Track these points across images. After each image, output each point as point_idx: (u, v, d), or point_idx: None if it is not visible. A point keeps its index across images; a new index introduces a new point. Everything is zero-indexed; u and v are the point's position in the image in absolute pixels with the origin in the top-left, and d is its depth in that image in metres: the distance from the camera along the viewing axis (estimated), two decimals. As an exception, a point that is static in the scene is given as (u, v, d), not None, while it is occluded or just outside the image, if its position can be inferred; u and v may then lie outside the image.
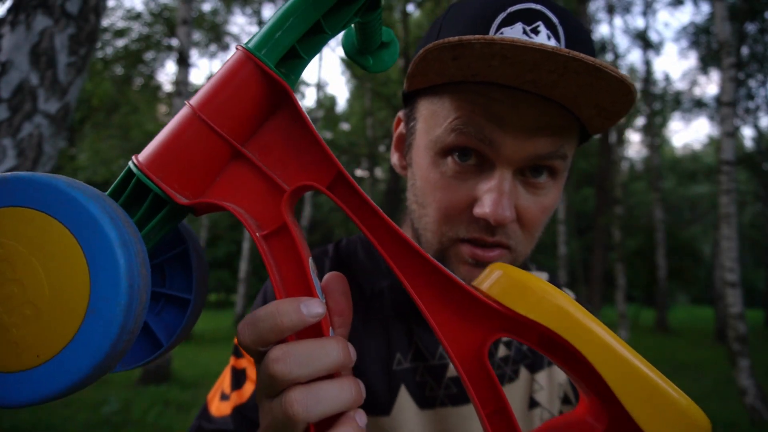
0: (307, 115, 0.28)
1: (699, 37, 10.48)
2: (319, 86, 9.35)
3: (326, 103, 15.57)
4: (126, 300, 0.22)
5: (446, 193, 0.42)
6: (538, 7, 0.40)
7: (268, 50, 0.27)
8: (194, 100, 0.27)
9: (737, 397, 4.06)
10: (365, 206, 0.29)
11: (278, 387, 0.26)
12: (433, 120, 0.42)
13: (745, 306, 4.00)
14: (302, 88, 19.36)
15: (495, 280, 0.28)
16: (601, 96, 0.37)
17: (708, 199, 15.93)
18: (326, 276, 0.31)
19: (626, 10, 10.51)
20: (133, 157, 0.27)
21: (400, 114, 0.50)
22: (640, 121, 12.94)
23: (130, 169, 0.27)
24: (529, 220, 0.42)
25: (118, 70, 7.25)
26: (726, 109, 4.00)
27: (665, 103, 12.25)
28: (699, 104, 11.62)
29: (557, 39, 0.39)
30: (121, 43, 6.82)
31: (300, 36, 0.28)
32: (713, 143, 18.15)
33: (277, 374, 0.26)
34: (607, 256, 7.58)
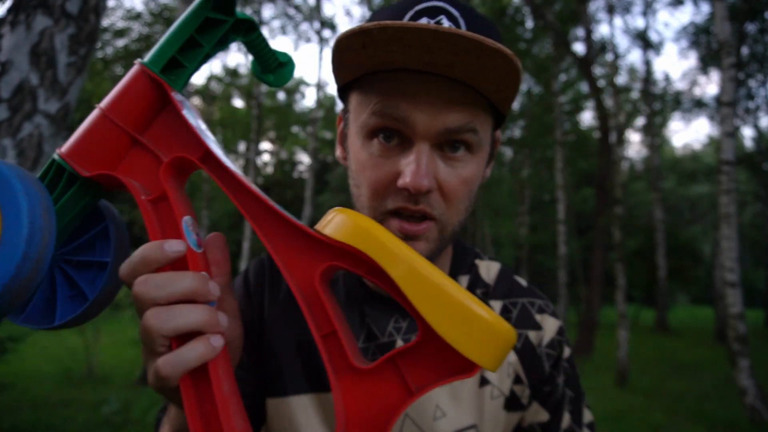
0: (185, 107, 0.37)
1: (699, 37, 10.48)
2: (319, 86, 9.34)
3: (326, 103, 15.57)
4: (27, 233, 0.30)
5: (375, 170, 0.47)
6: (441, 4, 0.47)
7: (154, 61, 0.35)
8: (103, 103, 0.35)
9: (737, 397, 4.05)
10: (227, 175, 0.35)
11: (142, 307, 0.32)
12: (360, 108, 0.48)
13: (745, 306, 4.00)
14: (302, 88, 19.36)
15: (329, 219, 0.33)
16: (494, 73, 0.42)
17: (708, 199, 15.92)
18: (208, 235, 0.38)
19: (626, 10, 10.51)
20: (57, 149, 0.35)
21: (340, 112, 0.55)
22: (640, 121, 12.94)
23: (53, 158, 0.36)
24: (450, 191, 0.47)
25: (118, 70, 7.24)
26: (726, 109, 4.00)
27: (665, 103, 12.24)
28: (699, 104, 11.61)
29: (458, 28, 0.44)
30: (121, 43, 6.82)
31: (178, 48, 0.36)
32: (713, 143, 18.15)
33: (137, 294, 0.32)
34: (607, 256, 7.57)
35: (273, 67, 0.44)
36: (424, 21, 0.45)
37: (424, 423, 0.51)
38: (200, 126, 0.37)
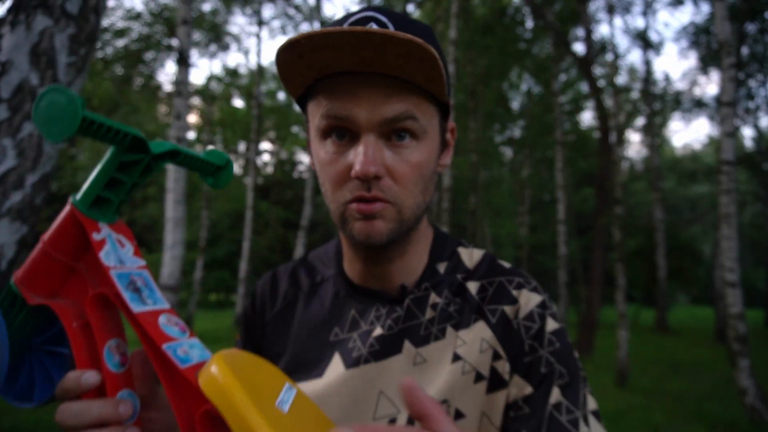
0: (108, 241, 0.41)
1: (699, 37, 10.48)
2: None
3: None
4: None
5: (332, 166, 0.52)
6: (371, 13, 0.52)
7: (82, 201, 0.40)
8: (45, 237, 0.41)
9: (737, 397, 4.05)
10: (123, 306, 0.39)
11: None
12: (313, 114, 0.53)
13: (745, 306, 4.00)
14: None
15: (204, 370, 0.35)
16: (417, 64, 0.47)
17: (708, 199, 15.92)
18: (132, 353, 0.43)
19: (626, 10, 10.51)
20: (13, 274, 0.42)
21: (306, 125, 0.61)
22: (640, 121, 12.94)
23: (10, 282, 0.42)
24: (401, 175, 0.51)
25: (118, 70, 7.24)
26: (726, 109, 4.00)
27: (665, 103, 12.24)
28: (699, 104, 11.62)
29: None
30: (121, 43, 6.81)
31: (101, 188, 0.40)
32: (713, 143, 18.15)
33: (58, 422, 0.38)
34: (607, 256, 7.57)
35: (212, 172, 0.47)
36: None
37: (398, 399, 0.53)
38: (123, 258, 0.41)
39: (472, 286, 0.59)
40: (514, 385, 0.53)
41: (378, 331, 0.57)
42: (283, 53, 0.47)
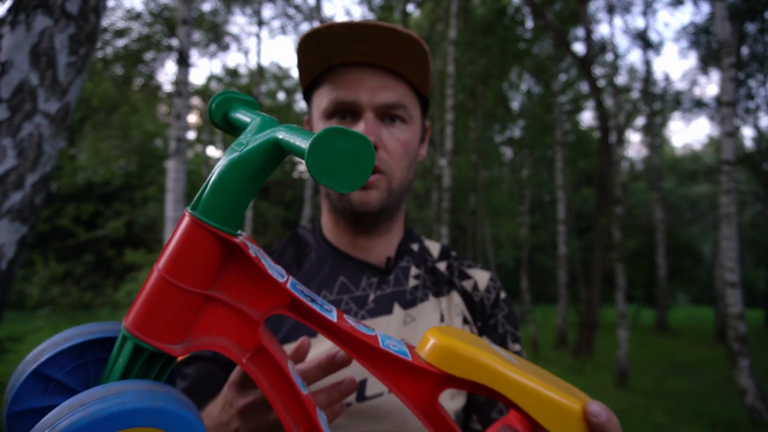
0: (250, 248, 0.34)
1: (699, 37, 10.47)
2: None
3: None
4: None
5: None
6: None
7: (214, 214, 0.32)
8: (160, 265, 0.32)
9: (737, 397, 4.05)
10: (317, 317, 0.36)
11: None
12: (320, 100, 0.62)
13: (745, 306, 4.00)
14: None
15: (430, 348, 0.37)
16: (410, 57, 0.57)
17: (708, 199, 15.92)
18: (299, 370, 0.43)
19: (626, 10, 10.50)
20: (124, 324, 0.32)
21: (305, 117, 0.68)
22: (640, 121, 12.93)
23: (124, 335, 0.32)
24: (392, 149, 0.60)
25: (118, 70, 7.23)
26: (726, 109, 4.00)
27: (665, 103, 12.24)
28: (699, 104, 11.61)
29: None
30: (121, 43, 6.81)
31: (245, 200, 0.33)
32: (713, 143, 18.14)
33: None
34: (607, 256, 7.56)
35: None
36: None
37: (395, 330, 0.61)
38: (277, 269, 0.37)
39: (441, 266, 0.70)
40: None
41: (372, 296, 0.63)
42: (305, 41, 0.56)
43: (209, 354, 0.58)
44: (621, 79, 12.05)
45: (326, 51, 0.57)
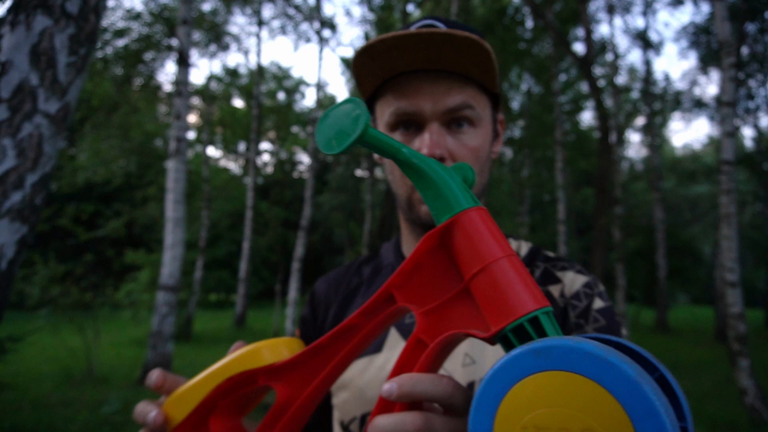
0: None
1: (699, 37, 10.48)
2: (319, 86, 9.33)
3: (326, 102, 15.57)
4: None
5: None
6: (430, 21, 0.61)
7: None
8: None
9: (737, 397, 4.05)
10: None
11: None
12: (383, 110, 0.59)
13: (745, 306, 4.00)
14: (302, 88, 19.34)
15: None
16: (474, 58, 0.54)
17: (708, 199, 15.92)
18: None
19: (626, 10, 10.50)
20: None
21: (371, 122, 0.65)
22: (640, 121, 12.94)
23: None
24: (461, 157, 0.57)
25: (118, 70, 7.23)
26: (726, 109, 4.00)
27: (665, 103, 12.24)
28: (699, 104, 11.61)
29: None
30: (121, 43, 6.81)
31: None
32: (713, 143, 18.14)
33: None
34: (607, 256, 7.56)
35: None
36: None
37: (455, 370, 0.56)
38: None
39: None
40: None
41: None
42: (359, 57, 0.54)
43: None
44: (621, 79, 12.05)
45: (383, 63, 0.55)
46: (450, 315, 0.33)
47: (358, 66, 0.56)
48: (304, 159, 19.29)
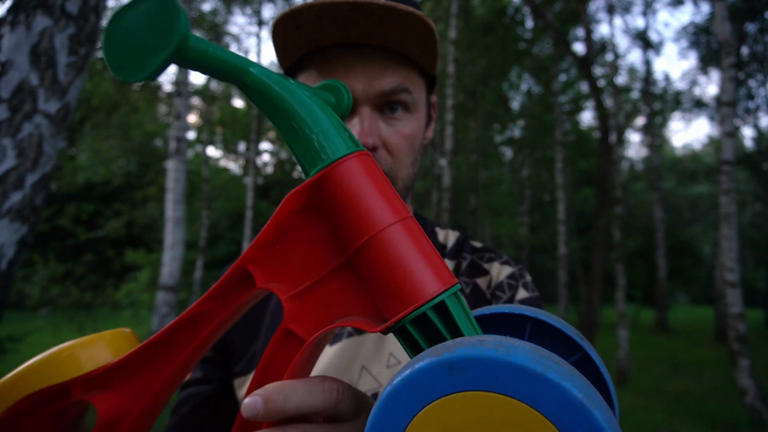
0: None
1: (699, 37, 10.48)
2: (319, 86, 9.32)
3: (326, 103, 15.54)
4: None
5: None
6: None
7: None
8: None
9: (737, 397, 4.05)
10: None
11: None
12: None
13: (745, 306, 4.00)
14: (302, 88, 19.29)
15: None
16: (414, 36, 0.48)
17: (708, 199, 15.92)
18: None
19: (626, 10, 10.50)
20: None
21: None
22: (640, 121, 12.94)
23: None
24: (394, 147, 0.52)
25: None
26: (726, 109, 4.00)
27: (665, 103, 12.24)
28: (699, 104, 11.61)
29: None
30: (121, 43, 6.80)
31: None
32: (713, 143, 18.14)
33: None
34: (607, 256, 7.56)
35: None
36: None
37: (381, 372, 0.52)
38: None
39: (449, 264, 0.59)
40: None
41: None
42: (281, 24, 0.47)
43: None
44: (621, 79, 12.05)
45: (309, 33, 0.48)
46: (328, 297, 0.25)
47: (279, 33, 0.49)
48: (304, 159, 19.22)
